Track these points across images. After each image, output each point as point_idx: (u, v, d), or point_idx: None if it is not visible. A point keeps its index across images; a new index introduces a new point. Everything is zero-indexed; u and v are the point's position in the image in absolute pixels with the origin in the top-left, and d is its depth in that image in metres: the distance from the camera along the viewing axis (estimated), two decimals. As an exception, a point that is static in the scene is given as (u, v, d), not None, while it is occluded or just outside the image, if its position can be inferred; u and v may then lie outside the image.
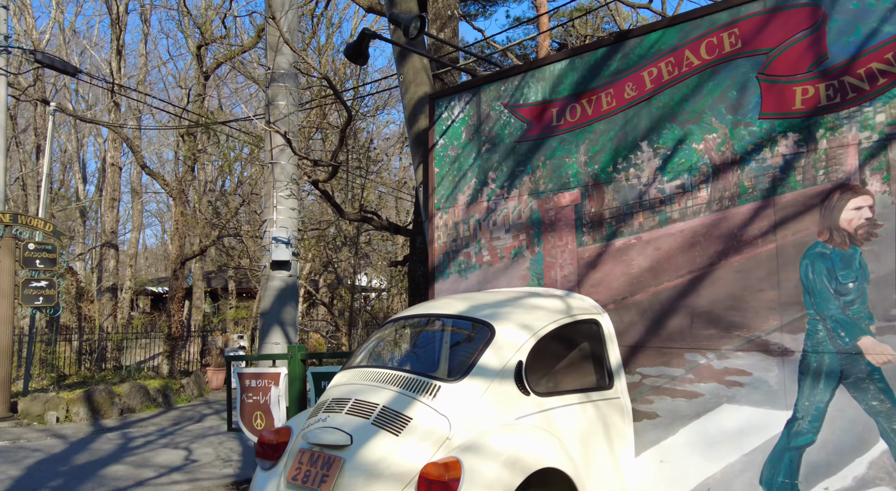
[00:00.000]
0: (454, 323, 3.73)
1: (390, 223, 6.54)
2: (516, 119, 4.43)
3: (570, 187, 4.12)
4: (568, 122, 4.15)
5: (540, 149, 4.29)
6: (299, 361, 5.44)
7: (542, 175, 4.27)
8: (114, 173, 19.17)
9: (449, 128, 4.86)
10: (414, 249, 5.77)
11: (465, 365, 3.31)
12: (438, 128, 4.94)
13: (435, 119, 4.96)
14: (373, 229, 7.14)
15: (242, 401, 5.78)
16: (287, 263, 6.43)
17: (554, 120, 4.22)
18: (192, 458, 9.50)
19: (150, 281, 32.81)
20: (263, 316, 6.37)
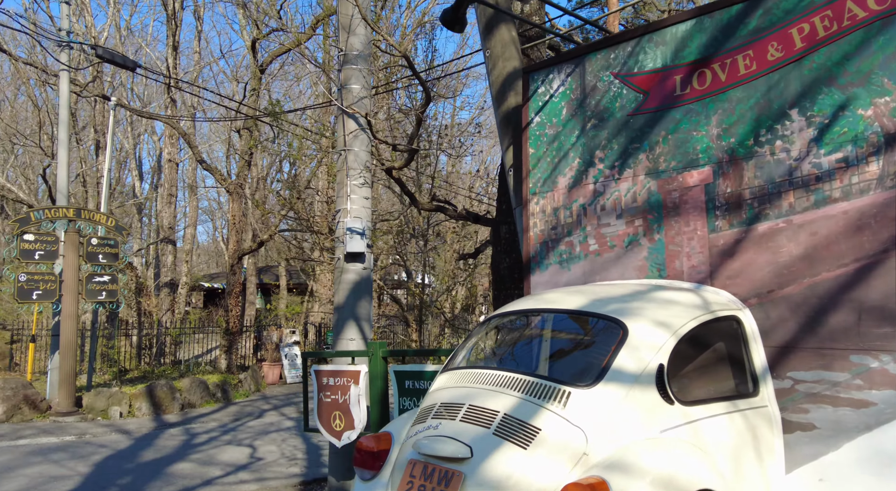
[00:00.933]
0: (573, 319, 3.28)
1: (468, 212, 6.13)
2: (630, 90, 3.95)
3: (699, 165, 3.63)
4: (695, 91, 3.65)
5: (660, 122, 3.80)
6: (381, 359, 5.08)
7: (662, 152, 3.78)
8: (171, 169, 19.28)
9: (546, 104, 4.41)
10: (498, 239, 5.34)
11: (597, 368, 2.87)
12: (533, 104, 4.50)
13: (529, 95, 4.52)
14: (447, 220, 6.73)
15: (320, 400, 5.45)
16: (362, 255, 6.08)
17: (677, 89, 3.73)
18: (256, 456, 9.30)
19: (202, 277, 33.28)
20: (338, 310, 6.04)
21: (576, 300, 3.33)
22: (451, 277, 7.79)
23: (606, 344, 2.98)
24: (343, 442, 5.29)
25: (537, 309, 3.44)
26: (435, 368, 4.72)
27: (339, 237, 6.15)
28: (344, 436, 5.28)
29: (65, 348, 11.47)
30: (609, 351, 2.91)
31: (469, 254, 7.77)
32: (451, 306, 7.85)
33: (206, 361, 18.37)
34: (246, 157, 15.80)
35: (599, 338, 3.10)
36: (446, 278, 7.65)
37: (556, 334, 3.31)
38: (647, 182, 3.82)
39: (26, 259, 11.09)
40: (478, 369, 3.16)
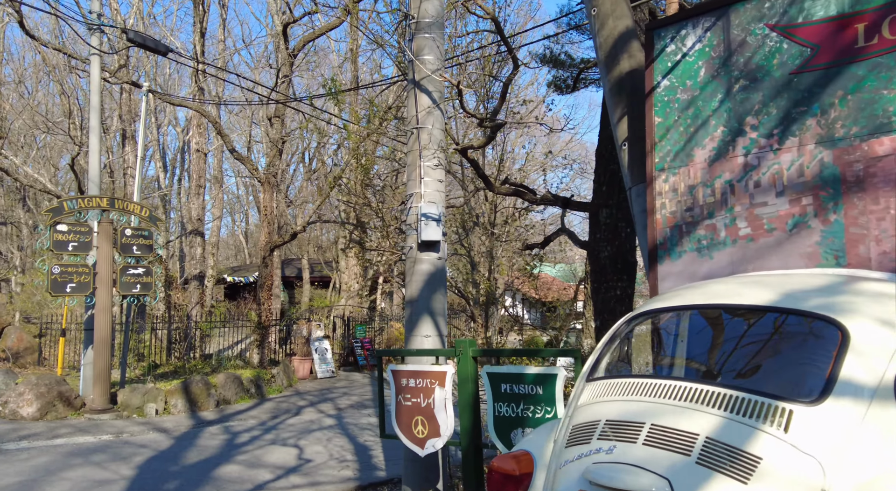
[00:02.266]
0: (762, 317, 2.68)
1: (555, 196, 5.53)
2: (792, 44, 3.34)
3: (891, 130, 3.01)
4: (885, 41, 3.03)
5: (835, 80, 3.18)
6: (471, 359, 4.52)
7: (839, 115, 3.17)
8: (199, 159, 18.84)
9: (678, 65, 3.80)
10: (596, 225, 4.76)
11: (819, 379, 2.27)
12: (660, 66, 3.89)
13: (655, 55, 3.91)
14: (518, 207, 6.16)
15: (398, 403, 4.91)
16: (437, 244, 5.52)
17: (859, 40, 3.11)
18: (304, 457, 8.80)
19: (225, 270, 32.96)
20: (410, 305, 5.48)
21: (759, 294, 2.73)
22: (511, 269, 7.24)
23: (822, 349, 2.38)
24: (427, 450, 4.75)
25: (710, 305, 2.84)
26: (538, 370, 4.15)
27: (410, 224, 5.59)
28: (428, 444, 4.73)
29: (99, 343, 11.05)
30: (830, 357, 2.31)
31: (535, 244, 7.18)
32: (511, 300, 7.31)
33: (231, 355, 17.95)
34: (278, 146, 15.29)
35: (808, 341, 2.51)
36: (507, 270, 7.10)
37: (742, 336, 2.71)
38: (819, 152, 3.21)
39: (60, 250, 10.66)
40: (649, 379, 2.57)
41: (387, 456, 9.03)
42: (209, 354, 17.66)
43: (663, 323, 3.00)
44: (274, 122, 15.78)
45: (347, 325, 21.19)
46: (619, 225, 4.68)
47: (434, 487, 5.26)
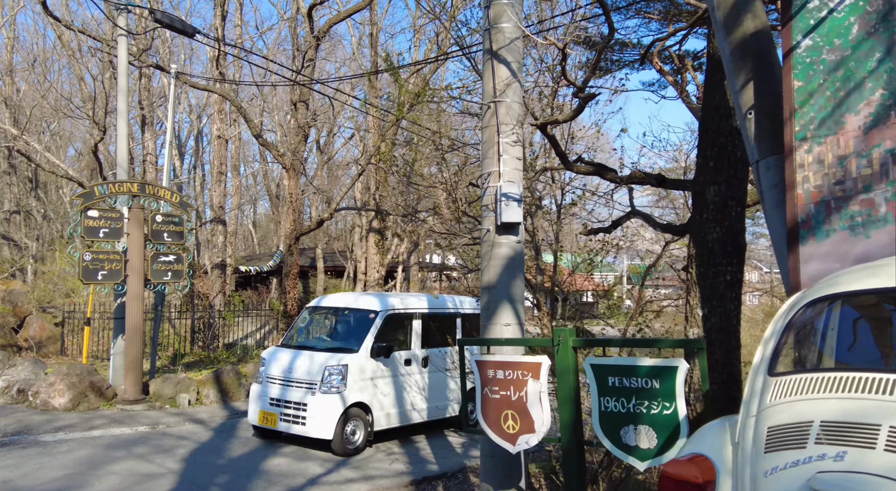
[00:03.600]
0: None
1: (646, 174, 5.16)
2: (976, -7, 2.95)
3: None
4: None
5: None
6: (571, 350, 4.17)
7: None
8: (220, 146, 18.49)
9: (823, 21, 3.41)
10: (703, 204, 4.39)
11: None
12: (800, 24, 3.50)
13: (793, 13, 3.52)
14: (584, 190, 5.83)
15: (484, 396, 4.57)
16: (516, 226, 5.17)
17: None
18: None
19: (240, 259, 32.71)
20: (487, 291, 5.13)
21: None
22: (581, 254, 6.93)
23: None
24: (519, 447, 4.41)
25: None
26: (655, 362, 3.79)
27: (487, 205, 5.22)
28: (520, 440, 4.39)
29: (131, 332, 10.75)
30: None
31: (600, 228, 6.81)
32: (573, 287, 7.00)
33: (251, 344, 17.64)
34: (305, 131, 14.91)
35: None
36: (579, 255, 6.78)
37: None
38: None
39: (91, 237, 10.35)
40: (871, 373, 2.20)
41: (434, 449, 8.72)
42: (230, 344, 17.39)
43: (864, 307, 2.61)
44: (299, 107, 15.40)
45: (369, 314, 20.84)
46: (729, 204, 4.32)
47: (516, 485, 4.93)
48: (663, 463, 3.78)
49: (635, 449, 3.85)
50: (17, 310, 15.86)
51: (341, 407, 7.89)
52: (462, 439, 9.33)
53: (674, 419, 3.70)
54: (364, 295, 10.05)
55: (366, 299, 9.28)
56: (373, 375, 8.38)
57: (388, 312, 8.78)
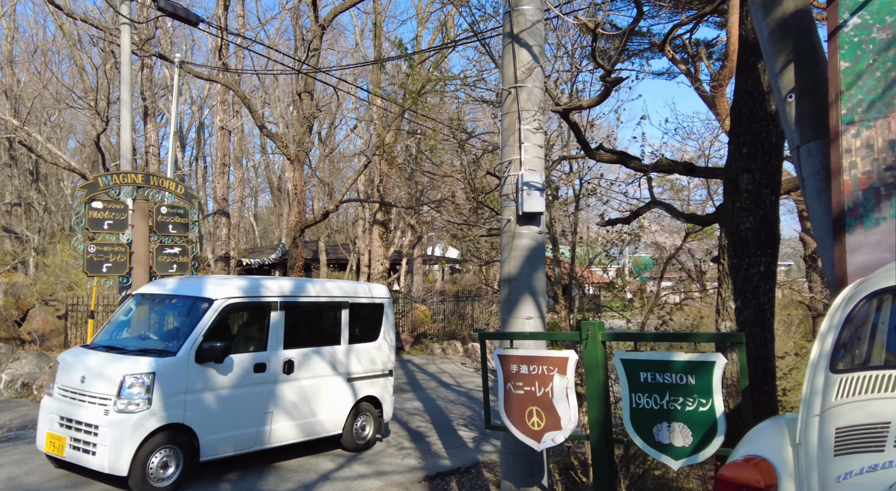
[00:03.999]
0: None
1: (674, 162, 4.98)
2: None
3: None
4: None
5: None
6: (600, 344, 4.02)
7: None
8: (223, 137, 18.30)
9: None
10: (736, 192, 4.23)
11: None
12: (848, 2, 3.33)
13: (841, -10, 3.34)
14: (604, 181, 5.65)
15: (507, 392, 4.43)
16: (538, 216, 5.01)
17: None
18: (360, 445, 8.37)
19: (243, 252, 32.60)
20: (507, 284, 4.98)
21: None
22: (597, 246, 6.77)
23: None
24: (545, 445, 4.26)
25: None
26: (690, 357, 3.64)
27: (507, 194, 5.06)
28: (545, 437, 4.25)
29: (136, 325, 10.59)
30: None
31: (619, 219, 6.65)
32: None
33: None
34: (310, 122, 14.72)
35: None
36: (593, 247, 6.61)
37: None
38: None
39: (95, 229, 10.18)
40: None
41: (445, 443, 8.59)
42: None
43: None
44: (304, 98, 15.21)
45: (373, 307, 20.72)
46: (763, 192, 4.15)
47: (538, 483, 4.80)
48: (699, 462, 3.65)
49: (669, 447, 3.71)
50: (19, 303, 15.73)
51: (143, 431, 5.84)
52: (473, 434, 9.20)
53: (710, 417, 3.55)
54: (199, 279, 7.79)
55: (198, 284, 7.09)
56: (201, 387, 6.32)
57: (229, 302, 6.64)
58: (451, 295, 24.56)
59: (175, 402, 6.11)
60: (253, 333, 7.19)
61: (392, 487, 6.78)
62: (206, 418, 6.35)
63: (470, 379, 14.33)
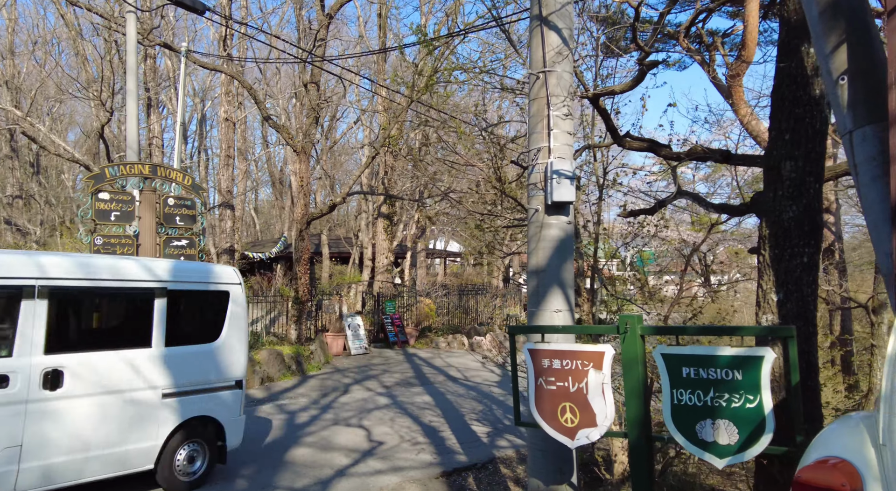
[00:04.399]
0: None
1: (707, 149, 4.82)
2: None
3: None
4: None
5: None
6: (639, 338, 3.87)
7: None
8: (227, 129, 18.10)
9: (937, -24, 3.07)
10: (777, 181, 4.07)
11: None
12: (909, -20, 3.17)
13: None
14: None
15: (539, 387, 4.28)
16: (567, 206, 4.85)
17: None
18: (374, 439, 8.24)
19: (246, 245, 32.43)
20: (535, 275, 4.83)
21: None
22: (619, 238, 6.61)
23: None
24: (579, 442, 4.12)
25: None
26: (737, 352, 3.49)
27: (535, 184, 4.90)
28: (580, 434, 4.11)
29: (143, 318, 10.44)
30: None
31: (643, 210, 6.49)
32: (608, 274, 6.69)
33: (258, 330, 17.35)
34: (316, 113, 14.54)
35: None
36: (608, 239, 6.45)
37: None
38: None
39: (102, 220, 10.03)
40: None
41: (459, 439, 8.46)
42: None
43: None
44: (310, 88, 15.02)
45: (377, 300, 20.62)
46: (807, 180, 4.00)
47: (568, 480, 4.66)
48: (745, 460, 3.51)
49: (713, 445, 3.57)
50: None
51: None
52: (487, 429, 9.07)
53: (758, 413, 3.41)
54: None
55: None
56: None
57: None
58: (456, 289, 24.43)
59: None
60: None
61: (410, 483, 6.65)
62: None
63: (477, 373, 14.21)
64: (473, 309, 24.07)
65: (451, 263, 38.31)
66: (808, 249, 3.98)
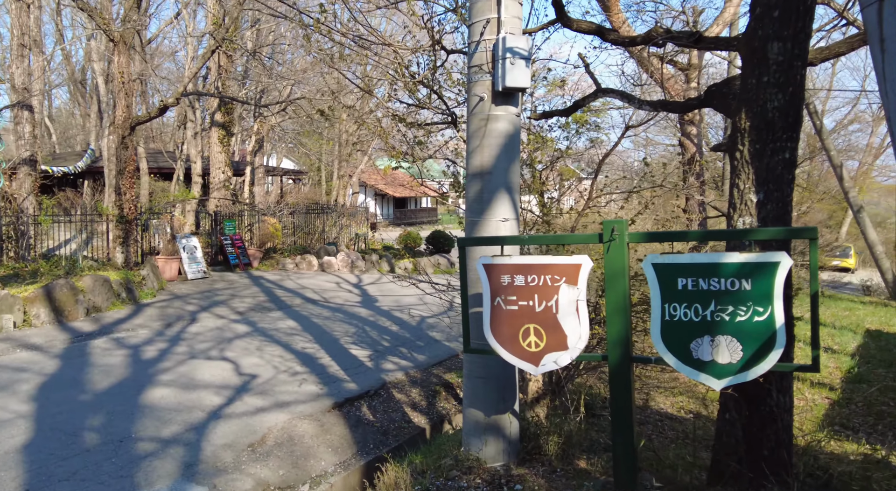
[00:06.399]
0: None
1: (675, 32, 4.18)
2: None
3: None
4: None
5: None
6: (626, 246, 3.30)
7: None
8: (20, 11, 14.76)
9: None
10: (762, 65, 3.58)
11: None
12: None
13: None
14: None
15: (496, 308, 3.60)
16: (517, 94, 4.07)
17: None
18: (244, 372, 7.21)
19: (46, 158, 28.01)
20: (480, 178, 4.08)
21: None
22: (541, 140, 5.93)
23: None
24: (544, 368, 3.55)
25: None
26: (747, 258, 3.04)
27: (480, 65, 4.07)
28: (545, 360, 3.53)
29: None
30: None
31: (557, 111, 5.92)
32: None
33: (66, 253, 15.00)
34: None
35: None
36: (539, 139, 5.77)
37: None
38: None
39: None
40: None
41: (341, 365, 7.70)
42: (46, 253, 14.64)
43: None
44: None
45: (215, 220, 18.73)
46: (795, 64, 3.57)
47: (511, 408, 4.13)
48: (748, 380, 3.14)
49: (710, 364, 3.16)
50: None
51: None
52: (367, 352, 8.40)
53: (768, 327, 3.02)
54: None
55: None
56: None
57: None
58: (303, 208, 23.01)
59: None
60: None
61: (301, 419, 5.82)
62: None
63: (336, 294, 13.39)
64: (319, 229, 22.92)
65: (290, 183, 36.22)
66: (790, 144, 3.62)
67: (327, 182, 37.09)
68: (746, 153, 3.69)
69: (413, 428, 6.21)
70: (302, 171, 36.10)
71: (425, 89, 5.39)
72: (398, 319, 10.79)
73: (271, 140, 32.63)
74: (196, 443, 5.13)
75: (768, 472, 3.53)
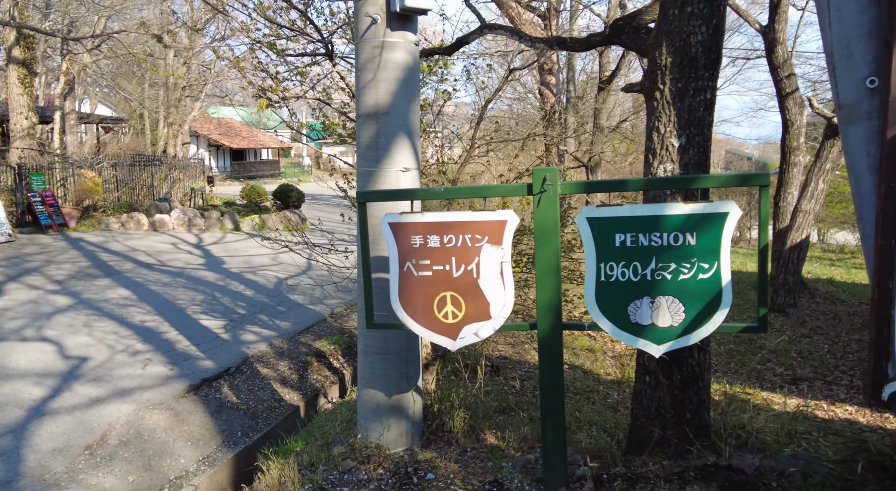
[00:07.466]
0: None
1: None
2: None
3: None
4: None
5: None
6: (558, 198, 2.84)
7: None
8: None
9: None
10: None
11: None
12: None
13: None
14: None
15: (405, 275, 3.02)
16: (416, 19, 3.43)
17: None
18: (71, 354, 6.05)
19: None
20: (375, 119, 3.43)
21: None
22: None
23: None
24: (463, 341, 3.06)
25: None
26: (691, 209, 2.72)
27: (368, -19, 3.35)
28: (465, 331, 3.05)
29: None
30: None
31: (435, 49, 5.37)
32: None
33: None
34: None
35: None
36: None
37: None
38: None
39: None
40: None
41: (192, 340, 6.75)
42: None
43: None
44: None
45: (19, 174, 16.13)
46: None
47: (414, 385, 3.62)
48: (690, 344, 2.86)
49: (649, 329, 2.84)
50: None
51: None
52: (221, 322, 7.47)
53: (714, 285, 2.75)
54: None
55: None
56: None
57: None
58: (127, 160, 20.55)
59: None
60: None
61: (149, 409, 4.93)
62: None
63: (174, 256, 12.01)
64: (149, 183, 20.67)
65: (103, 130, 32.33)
66: (710, 83, 3.36)
67: (152, 131, 33.67)
68: (668, 93, 3.38)
69: (286, 407, 5.52)
70: (122, 118, 32.44)
71: (295, 13, 4.55)
72: (252, 281, 9.83)
73: (84, 82, 28.82)
74: (14, 451, 4.11)
75: (692, 436, 3.36)
